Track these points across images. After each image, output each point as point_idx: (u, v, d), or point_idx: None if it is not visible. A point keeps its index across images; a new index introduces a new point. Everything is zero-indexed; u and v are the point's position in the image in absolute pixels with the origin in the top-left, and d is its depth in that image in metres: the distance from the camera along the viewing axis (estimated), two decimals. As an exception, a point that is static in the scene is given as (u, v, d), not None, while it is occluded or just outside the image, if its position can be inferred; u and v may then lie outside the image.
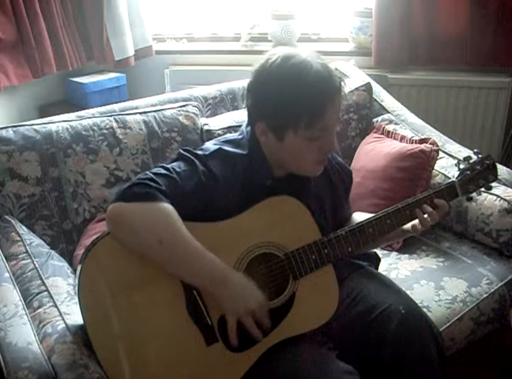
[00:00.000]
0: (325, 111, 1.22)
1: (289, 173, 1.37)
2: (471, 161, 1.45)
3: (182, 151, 1.33)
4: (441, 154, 1.95)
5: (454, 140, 2.08)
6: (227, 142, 1.37)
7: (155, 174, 1.24)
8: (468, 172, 1.44)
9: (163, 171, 1.25)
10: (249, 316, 1.19)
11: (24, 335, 1.19)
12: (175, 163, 1.29)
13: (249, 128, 1.36)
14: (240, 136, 1.38)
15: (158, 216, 1.18)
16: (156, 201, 1.18)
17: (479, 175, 1.44)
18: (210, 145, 1.37)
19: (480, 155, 1.47)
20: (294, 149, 1.28)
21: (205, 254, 1.19)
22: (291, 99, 1.21)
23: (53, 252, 1.57)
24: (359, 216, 1.48)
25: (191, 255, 1.18)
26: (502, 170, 1.81)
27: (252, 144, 1.34)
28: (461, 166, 1.45)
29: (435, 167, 1.92)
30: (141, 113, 1.84)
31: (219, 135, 1.81)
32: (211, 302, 1.22)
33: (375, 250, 1.57)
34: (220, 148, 1.33)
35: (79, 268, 1.18)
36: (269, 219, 1.29)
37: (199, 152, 1.32)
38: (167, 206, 1.19)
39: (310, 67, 1.21)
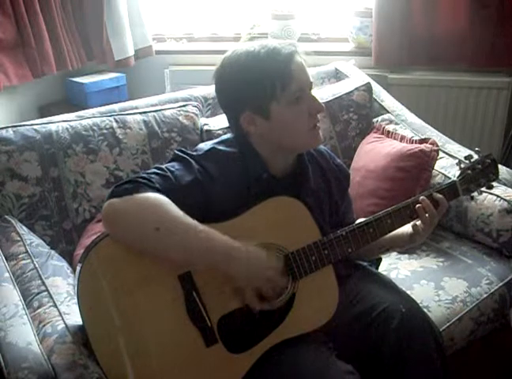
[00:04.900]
0: (292, 71, 1.26)
1: (287, 171, 1.37)
2: (472, 160, 1.45)
3: (176, 152, 1.33)
4: (441, 154, 1.95)
5: (454, 140, 2.08)
6: (220, 142, 1.37)
7: (148, 173, 1.24)
8: (469, 171, 1.43)
9: (156, 171, 1.25)
10: (264, 283, 1.21)
11: (24, 335, 1.19)
12: (169, 164, 1.30)
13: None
14: (232, 136, 1.39)
15: (149, 205, 1.17)
16: (144, 192, 1.17)
17: (480, 174, 1.44)
18: (203, 145, 1.37)
19: (480, 154, 1.46)
20: (285, 121, 1.28)
21: (209, 233, 1.18)
22: (257, 74, 1.26)
23: (53, 252, 1.56)
24: None
25: (192, 236, 1.17)
26: (502, 170, 1.80)
27: (241, 141, 1.34)
28: (462, 166, 1.45)
29: (435, 167, 1.92)
30: (141, 113, 1.84)
31: (219, 135, 1.81)
32: (210, 302, 1.21)
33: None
34: (213, 148, 1.33)
35: (79, 267, 1.18)
36: (269, 220, 1.29)
37: (193, 153, 1.32)
38: (156, 194, 1.18)
39: (260, 45, 1.29)
